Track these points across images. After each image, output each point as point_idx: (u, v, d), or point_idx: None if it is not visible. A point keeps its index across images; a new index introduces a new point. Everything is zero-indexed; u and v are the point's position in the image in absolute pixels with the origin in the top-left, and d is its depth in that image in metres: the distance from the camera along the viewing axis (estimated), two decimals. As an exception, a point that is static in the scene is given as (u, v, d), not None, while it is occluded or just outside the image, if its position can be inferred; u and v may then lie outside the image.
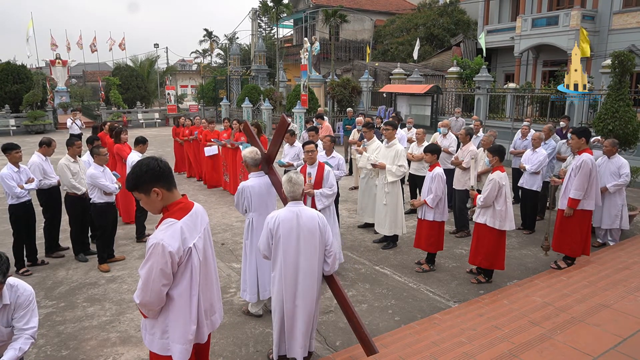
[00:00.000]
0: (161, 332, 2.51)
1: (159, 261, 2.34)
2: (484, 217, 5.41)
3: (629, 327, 3.71)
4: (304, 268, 3.55)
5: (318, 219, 3.59)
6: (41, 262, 6.21)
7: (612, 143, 6.59)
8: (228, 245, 6.94)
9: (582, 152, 5.62)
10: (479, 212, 5.49)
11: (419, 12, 28.18)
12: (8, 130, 22.74)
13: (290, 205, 3.62)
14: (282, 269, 3.57)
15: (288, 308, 3.61)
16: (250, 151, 4.50)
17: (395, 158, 6.45)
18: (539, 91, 14.77)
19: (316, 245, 3.56)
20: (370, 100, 19.67)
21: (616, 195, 6.54)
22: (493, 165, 5.49)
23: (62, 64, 30.43)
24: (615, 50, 8.16)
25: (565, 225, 5.67)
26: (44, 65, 35.41)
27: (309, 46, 19.03)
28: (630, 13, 18.09)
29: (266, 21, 39.29)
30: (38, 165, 6.15)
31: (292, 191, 3.61)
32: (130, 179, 2.46)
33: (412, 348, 3.75)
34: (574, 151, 5.89)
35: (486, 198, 5.28)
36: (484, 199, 5.31)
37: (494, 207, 5.29)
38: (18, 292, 2.77)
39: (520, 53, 20.87)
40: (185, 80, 50.86)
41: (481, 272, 5.66)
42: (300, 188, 3.64)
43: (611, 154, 6.56)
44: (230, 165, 9.99)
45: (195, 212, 2.58)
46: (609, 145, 6.57)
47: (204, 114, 28.23)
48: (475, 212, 5.58)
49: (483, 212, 5.42)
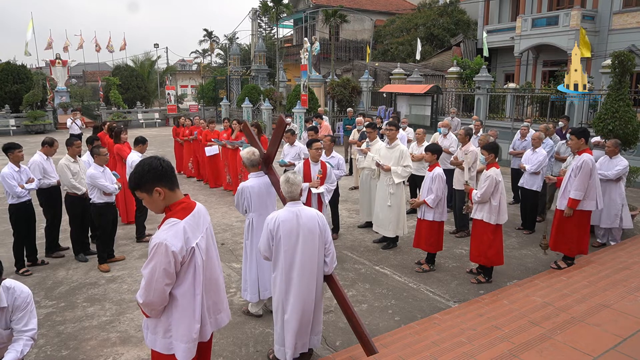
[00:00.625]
0: (164, 331, 2.51)
1: (162, 261, 2.35)
2: (481, 213, 5.49)
3: (629, 327, 3.71)
4: (305, 268, 3.55)
5: (318, 219, 3.60)
6: (41, 262, 6.21)
7: (615, 143, 6.58)
8: (228, 245, 6.94)
9: (581, 152, 5.63)
10: (476, 207, 5.55)
11: (419, 12, 28.17)
12: (8, 130, 22.74)
13: (289, 206, 3.62)
14: (283, 269, 3.56)
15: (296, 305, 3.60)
16: (247, 152, 4.50)
17: (400, 159, 6.45)
18: (539, 91, 14.77)
19: (316, 244, 3.56)
20: (370, 100, 19.67)
21: (616, 195, 6.54)
22: (488, 162, 5.56)
23: (62, 64, 30.38)
24: (615, 50, 8.16)
25: (563, 225, 5.68)
26: (44, 65, 35.39)
27: (309, 46, 19.03)
28: (630, 13, 18.10)
29: (266, 21, 39.26)
30: (38, 164, 6.15)
31: (290, 191, 3.62)
32: (132, 178, 2.47)
33: (412, 348, 3.75)
34: (574, 151, 5.90)
35: (483, 194, 5.36)
36: (482, 195, 5.37)
37: (490, 203, 5.39)
38: (15, 294, 2.75)
39: (520, 53, 20.87)
40: (185, 80, 50.85)
41: (481, 272, 5.68)
42: (298, 188, 3.65)
43: (613, 154, 6.57)
44: (231, 165, 10.00)
45: (197, 212, 2.59)
46: (612, 145, 6.57)
47: (204, 114, 28.24)
48: (473, 208, 5.62)
49: (480, 208, 5.49)
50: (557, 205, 5.84)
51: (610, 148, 6.59)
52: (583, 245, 5.70)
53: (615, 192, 6.56)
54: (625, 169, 6.52)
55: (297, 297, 3.57)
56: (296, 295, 3.57)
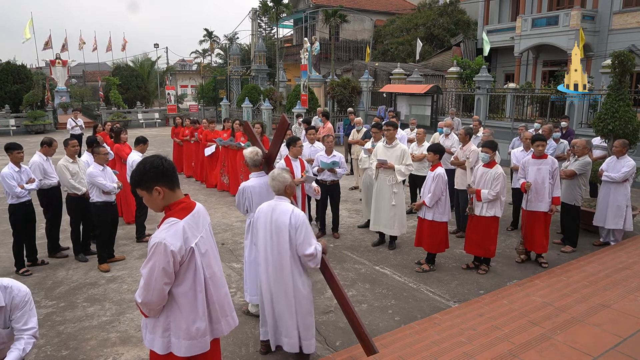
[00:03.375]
0: (162, 330, 2.51)
1: (161, 260, 2.35)
2: (492, 210, 5.67)
3: (629, 327, 3.71)
4: (273, 261, 3.68)
5: (291, 216, 3.56)
6: (41, 262, 6.21)
7: (623, 144, 6.54)
8: (228, 245, 6.94)
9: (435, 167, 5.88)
10: (485, 206, 5.66)
11: (419, 12, 28.17)
12: (8, 130, 22.75)
13: (274, 199, 3.75)
14: (258, 257, 3.83)
15: (265, 295, 3.79)
16: (251, 151, 4.51)
17: (401, 158, 6.46)
18: (539, 91, 14.77)
19: (286, 240, 3.58)
20: (370, 100, 19.66)
21: (620, 196, 6.51)
22: (491, 160, 5.69)
23: (62, 64, 30.40)
24: (615, 50, 8.15)
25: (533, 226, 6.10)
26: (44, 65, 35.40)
27: (309, 46, 19.04)
28: (630, 13, 18.09)
29: (266, 21, 39.28)
30: (39, 165, 6.15)
31: (273, 186, 3.74)
32: (133, 176, 2.49)
33: (412, 348, 3.75)
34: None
35: (499, 192, 5.61)
36: (497, 193, 5.59)
37: (499, 198, 5.65)
38: (13, 293, 2.74)
39: (520, 53, 20.87)
40: (185, 80, 50.86)
41: (482, 263, 5.89)
42: (281, 184, 3.69)
43: (620, 155, 6.54)
44: (231, 165, 9.99)
45: (197, 212, 2.59)
46: (620, 145, 6.53)
47: (204, 114, 28.23)
48: (479, 207, 5.68)
49: (491, 205, 5.65)
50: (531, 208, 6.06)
51: (617, 148, 6.54)
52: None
53: (620, 192, 6.51)
54: (633, 170, 6.46)
55: (265, 286, 3.77)
56: (265, 284, 3.77)
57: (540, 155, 6.03)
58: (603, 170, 6.66)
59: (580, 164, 6.56)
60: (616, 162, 6.58)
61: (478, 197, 5.67)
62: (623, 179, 6.46)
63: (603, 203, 6.65)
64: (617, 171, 6.49)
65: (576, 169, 6.54)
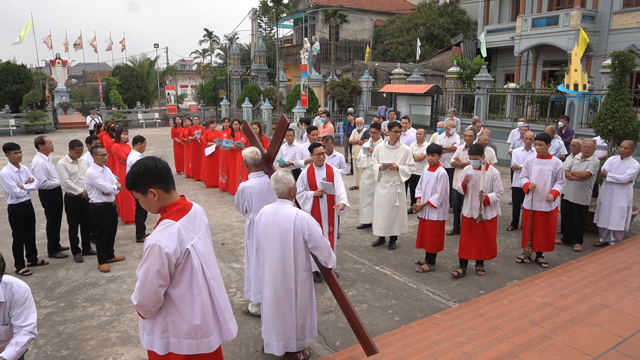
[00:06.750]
0: (161, 332, 2.51)
1: (156, 262, 2.35)
2: (494, 210, 5.67)
3: (629, 327, 3.71)
4: (275, 264, 3.63)
5: (295, 219, 3.53)
6: (41, 262, 6.21)
7: (631, 145, 6.51)
8: (228, 245, 6.94)
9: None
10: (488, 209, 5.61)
11: (419, 12, 28.17)
12: (8, 130, 22.75)
13: (276, 202, 3.71)
14: (260, 260, 3.78)
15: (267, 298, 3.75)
16: (250, 151, 4.51)
17: (405, 158, 6.46)
18: (539, 91, 14.77)
19: (290, 244, 3.55)
20: (370, 100, 19.67)
21: (623, 197, 6.48)
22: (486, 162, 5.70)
23: (62, 64, 30.41)
24: (615, 50, 8.16)
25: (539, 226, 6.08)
26: (44, 65, 35.41)
27: (309, 46, 19.03)
28: (630, 13, 18.09)
29: (266, 21, 39.26)
30: (42, 166, 6.14)
31: (276, 188, 3.69)
32: (128, 178, 2.49)
33: (412, 348, 3.75)
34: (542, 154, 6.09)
35: (501, 191, 5.64)
36: (501, 193, 5.65)
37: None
38: (12, 289, 2.76)
39: (520, 53, 20.86)
40: (185, 80, 50.82)
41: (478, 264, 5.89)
42: (285, 187, 3.64)
43: (625, 156, 6.51)
44: (230, 165, 9.99)
45: (193, 213, 2.57)
46: (629, 147, 6.48)
47: (204, 114, 28.23)
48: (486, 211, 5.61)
49: (493, 206, 5.63)
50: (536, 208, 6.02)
51: (627, 150, 6.48)
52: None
53: (624, 193, 6.49)
54: (637, 172, 6.43)
55: (269, 288, 3.70)
56: (268, 286, 3.71)
57: (544, 155, 6.00)
58: (606, 170, 6.64)
59: (593, 164, 6.55)
60: (620, 163, 6.53)
61: (487, 203, 5.53)
62: (628, 180, 6.43)
63: (606, 204, 6.63)
64: (621, 172, 6.46)
65: (591, 169, 6.53)
